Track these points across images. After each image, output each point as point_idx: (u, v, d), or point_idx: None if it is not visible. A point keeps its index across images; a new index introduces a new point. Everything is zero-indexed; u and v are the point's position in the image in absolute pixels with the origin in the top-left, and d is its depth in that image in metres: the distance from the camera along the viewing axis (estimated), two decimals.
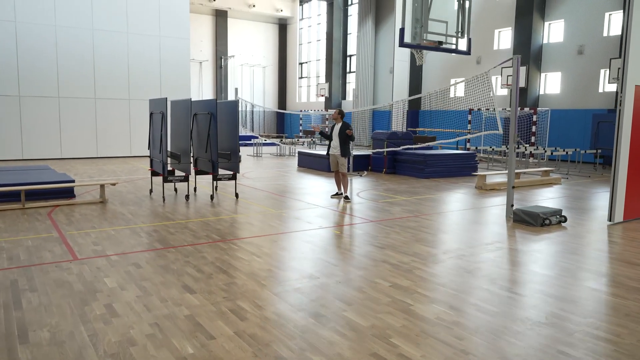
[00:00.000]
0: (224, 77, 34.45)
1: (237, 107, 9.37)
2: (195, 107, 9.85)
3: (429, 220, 8.10)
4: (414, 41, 9.46)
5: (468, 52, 10.33)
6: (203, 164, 9.85)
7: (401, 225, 7.62)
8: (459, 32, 10.05)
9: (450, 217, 8.39)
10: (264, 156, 20.19)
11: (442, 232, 7.29)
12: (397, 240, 6.69)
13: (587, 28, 19.40)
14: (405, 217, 8.25)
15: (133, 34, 18.54)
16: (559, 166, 16.69)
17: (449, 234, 7.14)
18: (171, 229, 7.16)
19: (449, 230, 7.40)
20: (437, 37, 9.70)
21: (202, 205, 9.11)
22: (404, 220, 8.00)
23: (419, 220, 8.02)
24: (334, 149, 9.88)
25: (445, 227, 7.61)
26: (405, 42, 9.36)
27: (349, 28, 31.06)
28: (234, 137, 9.55)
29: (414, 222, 7.87)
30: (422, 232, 7.20)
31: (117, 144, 18.62)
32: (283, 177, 13.71)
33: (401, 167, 14.38)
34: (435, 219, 8.23)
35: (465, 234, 7.17)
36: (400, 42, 9.41)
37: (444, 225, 7.79)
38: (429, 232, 7.20)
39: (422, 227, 7.57)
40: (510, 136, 8.20)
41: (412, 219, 8.11)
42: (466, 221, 8.11)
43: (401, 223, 7.80)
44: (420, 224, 7.75)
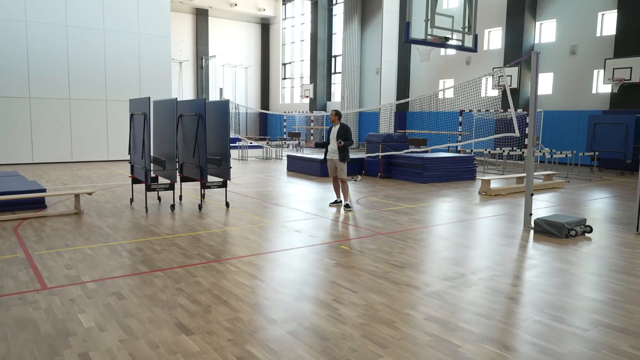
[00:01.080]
0: (205, 77, 33.41)
1: (227, 108, 8.52)
2: (181, 107, 8.97)
3: (443, 231, 7.37)
4: (419, 36, 8.75)
5: (475, 49, 9.69)
6: (190, 170, 8.97)
7: (414, 238, 6.88)
8: (466, 27, 9.38)
9: (464, 228, 7.68)
10: (249, 160, 19.31)
11: (462, 246, 6.56)
12: (415, 257, 5.94)
13: (580, 28, 19.02)
14: (416, 229, 7.51)
15: (110, 31, 17.48)
16: (555, 169, 16.19)
17: (471, 249, 6.42)
18: (157, 245, 6.28)
19: (468, 244, 6.68)
20: (443, 32, 9.01)
21: (190, 216, 8.23)
22: (416, 232, 7.26)
23: (432, 232, 7.29)
24: (332, 153, 9.10)
25: (463, 240, 6.88)
26: (411, 38, 8.65)
27: (334, 28, 30.36)
28: (224, 141, 8.70)
29: (427, 234, 7.13)
30: (440, 247, 6.46)
31: (93, 148, 17.52)
32: (273, 182, 12.88)
33: (397, 171, 13.68)
34: (448, 230, 7.51)
35: (488, 248, 6.46)
36: (405, 38, 8.69)
37: (461, 237, 7.07)
38: (448, 247, 6.47)
39: (437, 240, 6.84)
40: (529, 139, 7.54)
41: (423, 231, 7.37)
42: (483, 232, 7.41)
43: (413, 235, 7.06)
44: (434, 236, 7.02)
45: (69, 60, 16.87)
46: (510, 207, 9.57)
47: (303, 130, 30.14)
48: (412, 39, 8.62)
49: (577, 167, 16.41)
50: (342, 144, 8.87)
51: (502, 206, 9.70)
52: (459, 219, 8.40)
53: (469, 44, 9.48)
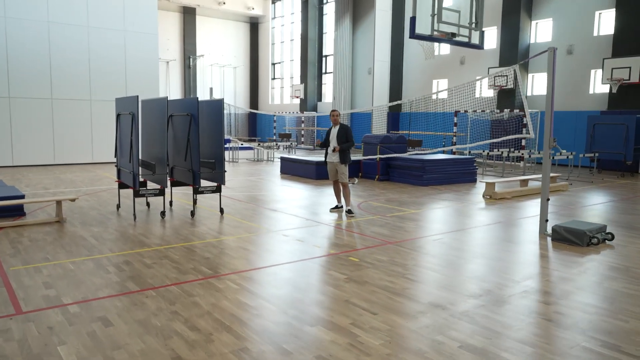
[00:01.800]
0: (192, 77, 32.69)
1: (222, 108, 7.95)
2: (172, 107, 8.37)
3: (456, 240, 6.88)
4: (426, 32, 8.26)
5: (481, 46, 9.24)
6: (181, 174, 8.38)
7: (427, 248, 6.37)
8: (473, 22, 8.91)
9: (477, 236, 7.19)
10: (240, 162, 18.70)
11: (480, 256, 6.07)
12: (432, 269, 5.43)
13: (577, 27, 18.74)
14: (426, 237, 7.01)
15: (94, 27, 16.76)
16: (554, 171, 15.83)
17: (489, 260, 5.92)
18: (147, 258, 5.70)
19: (486, 254, 6.18)
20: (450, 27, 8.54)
21: (182, 224, 7.64)
22: (427, 241, 6.75)
23: (444, 241, 6.79)
24: (333, 155, 8.57)
25: (479, 249, 6.39)
26: (416, 33, 8.16)
27: (325, 27, 29.86)
28: (219, 143, 8.12)
29: (440, 243, 6.63)
30: (457, 258, 5.96)
31: (77, 150, 16.78)
32: (267, 186, 12.31)
33: (396, 174, 13.19)
34: (460, 237, 7.02)
35: (508, 259, 5.97)
36: (411, 34, 8.20)
37: (475, 245, 6.58)
38: (465, 257, 5.98)
39: (452, 249, 6.34)
40: (544, 140, 7.08)
41: (435, 239, 6.87)
42: (497, 240, 6.93)
43: (425, 244, 6.56)
44: (448, 245, 6.52)
45: (51, 59, 16.12)
46: (519, 212, 9.12)
47: (294, 132, 29.58)
48: (418, 34, 8.13)
49: (577, 169, 16.07)
50: (338, 149, 8.34)
51: (510, 211, 9.24)
52: (468, 225, 7.92)
53: (475, 41, 9.01)
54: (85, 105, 16.83)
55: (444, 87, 23.70)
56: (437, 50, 23.57)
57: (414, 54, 24.67)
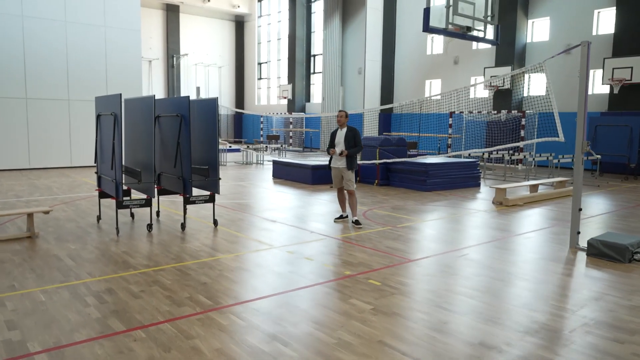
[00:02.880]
0: (176, 77, 31.64)
1: (216, 108, 7.12)
2: (160, 107, 7.50)
3: (482, 255, 6.14)
4: (440, 25, 7.53)
5: (497, 42, 8.56)
6: (170, 182, 7.51)
7: (454, 266, 5.62)
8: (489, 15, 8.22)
9: (503, 250, 6.47)
10: (228, 165, 17.81)
11: (517, 277, 5.33)
12: (469, 296, 4.68)
13: (575, 26, 18.27)
14: (448, 252, 6.26)
15: (72, 22, 15.72)
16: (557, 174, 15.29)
17: (530, 281, 5.19)
18: (134, 285, 4.84)
19: (522, 274, 5.44)
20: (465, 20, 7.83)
21: (172, 238, 6.78)
22: (451, 257, 6.01)
23: (471, 257, 6.05)
24: (338, 160, 7.79)
25: (513, 269, 5.66)
26: (431, 26, 7.44)
27: (313, 26, 29.08)
28: (212, 147, 7.28)
29: (466, 261, 5.89)
30: (492, 279, 5.22)
31: (54, 153, 15.72)
32: (261, 192, 11.48)
33: (397, 178, 12.46)
34: (486, 253, 6.29)
35: (549, 280, 5.25)
36: (424, 27, 7.47)
37: (507, 263, 5.85)
38: (501, 278, 5.24)
39: (483, 268, 5.60)
40: (577, 144, 6.40)
41: (459, 254, 6.13)
42: (527, 256, 6.22)
43: (450, 262, 5.81)
44: (477, 263, 5.78)
45: (26, 56, 15.04)
46: (537, 221, 8.45)
47: (281, 133, 28.74)
48: (431, 27, 7.41)
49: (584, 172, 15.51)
50: (346, 154, 7.58)
51: (527, 220, 8.56)
52: (489, 237, 7.20)
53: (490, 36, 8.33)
54: (62, 106, 15.78)
55: (436, 88, 23.12)
56: (430, 50, 22.98)
57: (406, 54, 24.03)
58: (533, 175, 15.00)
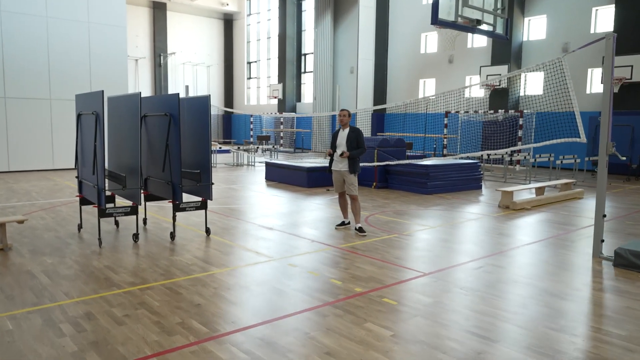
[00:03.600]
0: (163, 76, 30.88)
1: (208, 106, 6.53)
2: (147, 105, 6.90)
3: (501, 268, 5.63)
4: (449, 17, 7.02)
5: (506, 37, 8.08)
6: (157, 187, 6.90)
7: (474, 282, 5.10)
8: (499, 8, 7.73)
9: (523, 261, 5.97)
10: (218, 167, 17.18)
11: (546, 293, 4.81)
12: (500, 317, 4.16)
13: (572, 24, 17.93)
14: (464, 264, 5.74)
15: (54, 18, 14.99)
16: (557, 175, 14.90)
17: (562, 299, 4.67)
18: (117, 307, 4.24)
19: (551, 290, 4.93)
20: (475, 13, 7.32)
21: (160, 250, 6.17)
22: (468, 270, 5.49)
23: (489, 270, 5.53)
24: (340, 162, 7.23)
25: (539, 283, 5.15)
26: (440, 19, 6.91)
27: (304, 24, 28.50)
28: (204, 149, 6.69)
29: (485, 274, 5.36)
30: (518, 297, 4.70)
31: (34, 155, 14.96)
32: (254, 196, 10.88)
33: (396, 181, 11.94)
34: (505, 264, 5.78)
35: (583, 297, 4.75)
36: (433, 19, 6.96)
37: (531, 278, 5.34)
38: (529, 296, 4.72)
39: (506, 284, 5.08)
40: (601, 145, 5.92)
41: (476, 266, 5.61)
42: (552, 268, 5.71)
43: (469, 276, 5.28)
44: (498, 278, 5.25)
45: (4, 52, 14.29)
46: (550, 227, 7.97)
47: (272, 133, 28.12)
48: (441, 20, 6.89)
49: (581, 173, 15.15)
50: (346, 155, 7.04)
51: (538, 225, 8.09)
52: (504, 245, 6.69)
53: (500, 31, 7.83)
54: (44, 105, 15.04)
55: (431, 87, 22.69)
56: (424, 49, 22.54)
57: (399, 52, 23.57)
58: (533, 176, 14.58)
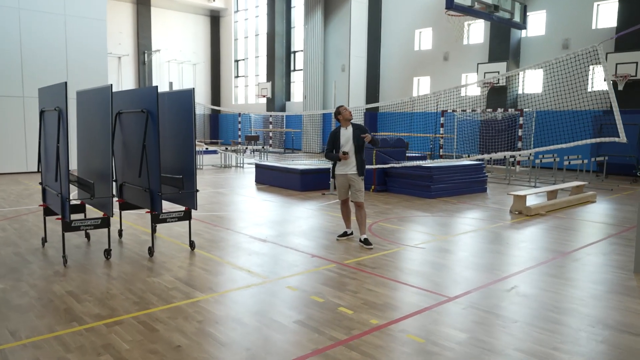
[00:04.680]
0: (148, 74, 29.79)
1: (192, 101, 5.65)
2: (122, 101, 6.01)
3: (536, 288, 4.83)
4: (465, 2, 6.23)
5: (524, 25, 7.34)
6: (134, 194, 6.01)
7: (509, 307, 4.29)
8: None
9: (558, 280, 5.18)
10: (205, 168, 16.26)
11: (598, 322, 4.02)
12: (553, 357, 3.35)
13: (573, 20, 17.30)
14: (493, 284, 4.93)
15: (27, 10, 13.96)
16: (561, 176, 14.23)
17: (617, 332, 3.89)
18: (74, 354, 3.36)
19: (600, 319, 4.15)
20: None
21: (136, 270, 5.29)
22: (498, 292, 4.68)
23: (524, 292, 4.72)
24: (347, 166, 6.39)
25: (585, 311, 4.36)
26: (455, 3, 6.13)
27: (293, 21, 27.64)
28: (188, 151, 5.81)
29: (519, 298, 4.56)
30: (567, 327, 3.90)
31: (6, 157, 13.92)
32: (244, 201, 10.01)
33: (396, 183, 11.15)
34: (540, 284, 4.98)
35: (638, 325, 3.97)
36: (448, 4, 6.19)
37: (572, 300, 4.55)
38: (579, 328, 3.92)
39: (549, 310, 4.28)
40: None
41: (505, 287, 4.81)
42: (593, 289, 4.92)
43: (501, 301, 4.48)
44: (536, 301, 4.45)
45: None
46: (574, 236, 7.22)
47: (260, 133, 27.21)
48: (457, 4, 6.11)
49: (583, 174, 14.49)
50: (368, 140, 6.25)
51: (560, 234, 7.32)
52: (531, 259, 5.90)
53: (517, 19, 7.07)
54: (16, 103, 14.00)
55: (425, 85, 21.97)
56: (418, 46, 21.80)
57: (392, 49, 22.82)
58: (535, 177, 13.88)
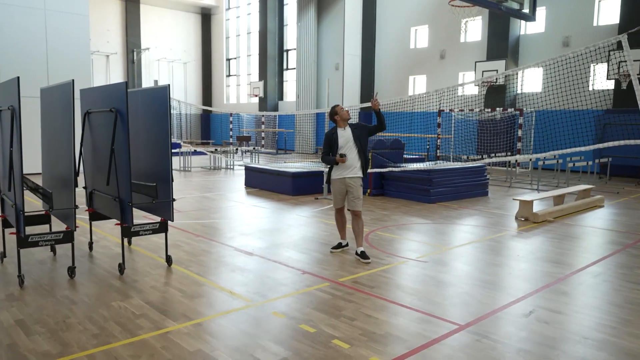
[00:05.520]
0: (137, 73, 29.05)
1: (167, 99, 5.01)
2: (90, 98, 5.36)
3: (559, 313, 4.22)
4: None
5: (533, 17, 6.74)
6: (104, 203, 5.37)
7: (534, 338, 3.68)
8: None
9: (581, 299, 4.59)
10: (193, 170, 15.60)
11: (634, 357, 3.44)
12: None
13: (574, 17, 16.78)
14: (506, 307, 4.33)
15: (4, 4, 13.25)
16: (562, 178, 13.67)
17: None
18: None
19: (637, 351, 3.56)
20: None
21: (102, 290, 4.64)
22: (516, 318, 4.08)
23: (544, 317, 4.12)
24: (346, 169, 5.75)
25: (619, 340, 3.77)
26: None
27: (286, 19, 26.99)
28: (163, 154, 5.16)
29: (541, 325, 3.95)
30: None
31: None
32: (232, 207, 9.37)
33: (393, 187, 10.55)
34: (561, 306, 4.38)
35: None
36: None
37: (605, 329, 3.95)
38: None
39: (574, 344, 3.68)
40: None
41: (526, 311, 4.20)
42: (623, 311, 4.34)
43: (522, 330, 3.87)
44: (563, 328, 3.85)
45: None
46: (589, 246, 6.64)
47: (253, 134, 26.56)
48: None
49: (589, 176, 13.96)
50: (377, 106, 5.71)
51: (574, 244, 6.74)
52: (545, 275, 5.30)
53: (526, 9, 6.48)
54: None
55: (421, 84, 21.40)
56: (414, 44, 21.22)
57: (387, 47, 22.24)
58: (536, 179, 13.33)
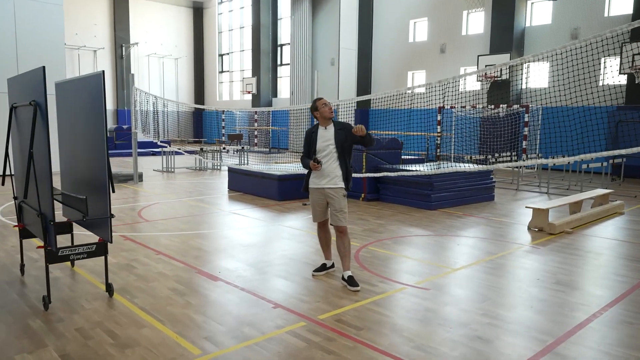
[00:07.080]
0: (126, 69, 27.99)
1: (101, 89, 3.97)
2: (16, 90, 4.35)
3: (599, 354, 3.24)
4: None
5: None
6: (29, 219, 4.35)
7: None
8: None
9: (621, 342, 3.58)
10: (177, 171, 14.57)
11: None
12: None
13: (582, 8, 15.77)
14: (537, 356, 3.33)
15: None
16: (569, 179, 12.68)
17: None
18: None
19: None
20: None
21: (11, 337, 3.61)
22: None
23: None
24: (323, 178, 4.74)
25: None
26: None
27: (280, 12, 25.95)
28: (98, 158, 4.13)
29: None
30: None
31: None
32: (208, 215, 8.34)
33: (390, 191, 9.53)
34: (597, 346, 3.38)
35: None
36: None
37: None
38: None
39: None
40: None
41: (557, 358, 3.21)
42: None
43: None
44: None
45: None
46: (617, 265, 5.63)
47: (245, 132, 25.51)
48: None
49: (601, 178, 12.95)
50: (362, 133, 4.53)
51: (600, 262, 5.74)
52: (578, 310, 4.30)
53: None
54: None
55: (420, 79, 20.37)
56: (412, 37, 20.18)
57: (385, 42, 21.20)
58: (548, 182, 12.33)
